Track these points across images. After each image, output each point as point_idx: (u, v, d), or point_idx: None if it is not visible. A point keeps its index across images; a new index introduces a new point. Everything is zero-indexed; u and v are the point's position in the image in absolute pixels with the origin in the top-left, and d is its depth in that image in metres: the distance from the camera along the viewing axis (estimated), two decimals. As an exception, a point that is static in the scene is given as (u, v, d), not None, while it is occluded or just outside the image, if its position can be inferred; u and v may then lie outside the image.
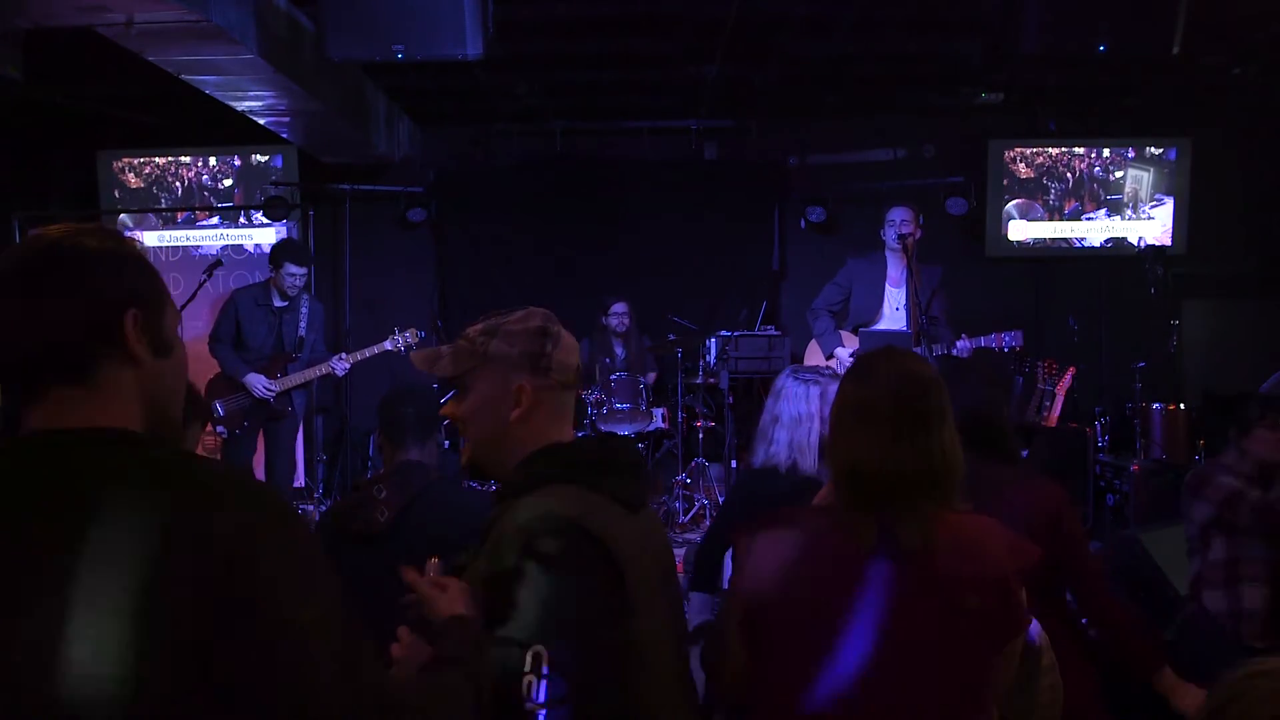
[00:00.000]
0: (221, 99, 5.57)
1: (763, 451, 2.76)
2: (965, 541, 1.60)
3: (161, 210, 7.55)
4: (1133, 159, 7.45)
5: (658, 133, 7.59)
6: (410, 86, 6.85)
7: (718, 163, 7.79)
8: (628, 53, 6.35)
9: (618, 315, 6.83)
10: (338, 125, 6.25)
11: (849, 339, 5.63)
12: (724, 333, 6.53)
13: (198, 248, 7.58)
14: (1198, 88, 6.87)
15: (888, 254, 5.58)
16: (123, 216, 7.53)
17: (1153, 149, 7.42)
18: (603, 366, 6.69)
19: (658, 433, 6.72)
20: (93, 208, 7.37)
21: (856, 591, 1.58)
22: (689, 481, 6.49)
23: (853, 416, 1.66)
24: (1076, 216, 7.52)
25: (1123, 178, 7.46)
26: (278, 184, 7.32)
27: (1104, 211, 7.50)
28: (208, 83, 5.26)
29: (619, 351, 6.86)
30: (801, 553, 1.63)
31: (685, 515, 6.31)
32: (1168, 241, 7.26)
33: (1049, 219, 7.52)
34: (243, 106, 5.77)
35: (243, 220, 7.57)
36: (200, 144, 7.48)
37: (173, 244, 7.60)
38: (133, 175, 7.58)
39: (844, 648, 1.57)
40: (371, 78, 6.55)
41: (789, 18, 5.59)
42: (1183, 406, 6.09)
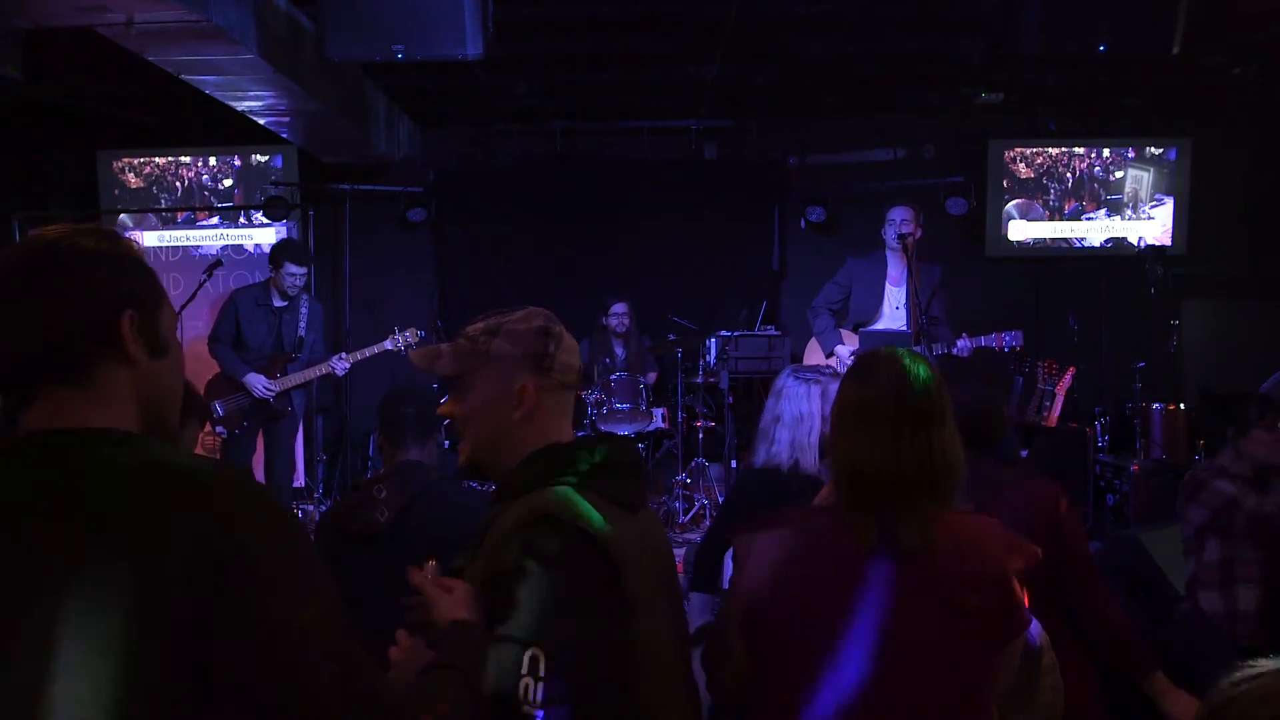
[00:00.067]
0: (221, 99, 5.57)
1: (764, 451, 2.76)
2: (966, 541, 1.60)
3: (161, 210, 7.55)
4: (1133, 159, 7.45)
5: (658, 133, 7.59)
6: (410, 86, 6.85)
7: (718, 163, 7.79)
8: (628, 53, 6.35)
9: (618, 316, 6.82)
10: (338, 125, 6.25)
11: (849, 337, 5.63)
12: (724, 333, 6.53)
13: (198, 248, 7.59)
14: (1198, 88, 6.87)
15: (888, 253, 5.58)
16: (123, 216, 7.53)
17: (1153, 149, 7.42)
18: (603, 367, 6.69)
19: (658, 433, 6.72)
20: (93, 208, 7.37)
21: (857, 591, 1.58)
22: (689, 481, 6.49)
23: (853, 416, 1.66)
24: (1076, 216, 7.52)
25: (1123, 178, 7.46)
26: (278, 184, 7.32)
27: (1104, 211, 7.50)
28: (208, 83, 5.26)
29: (619, 352, 6.86)
30: (802, 553, 1.63)
31: (685, 515, 6.31)
32: (1168, 241, 7.26)
33: (1049, 219, 7.52)
34: (243, 106, 5.77)
35: (243, 220, 7.57)
36: (200, 144, 7.48)
37: (173, 244, 7.60)
38: (133, 175, 7.58)
39: (844, 648, 1.57)
40: (371, 78, 6.55)
41: (789, 18, 5.59)
42: (1182, 406, 6.09)
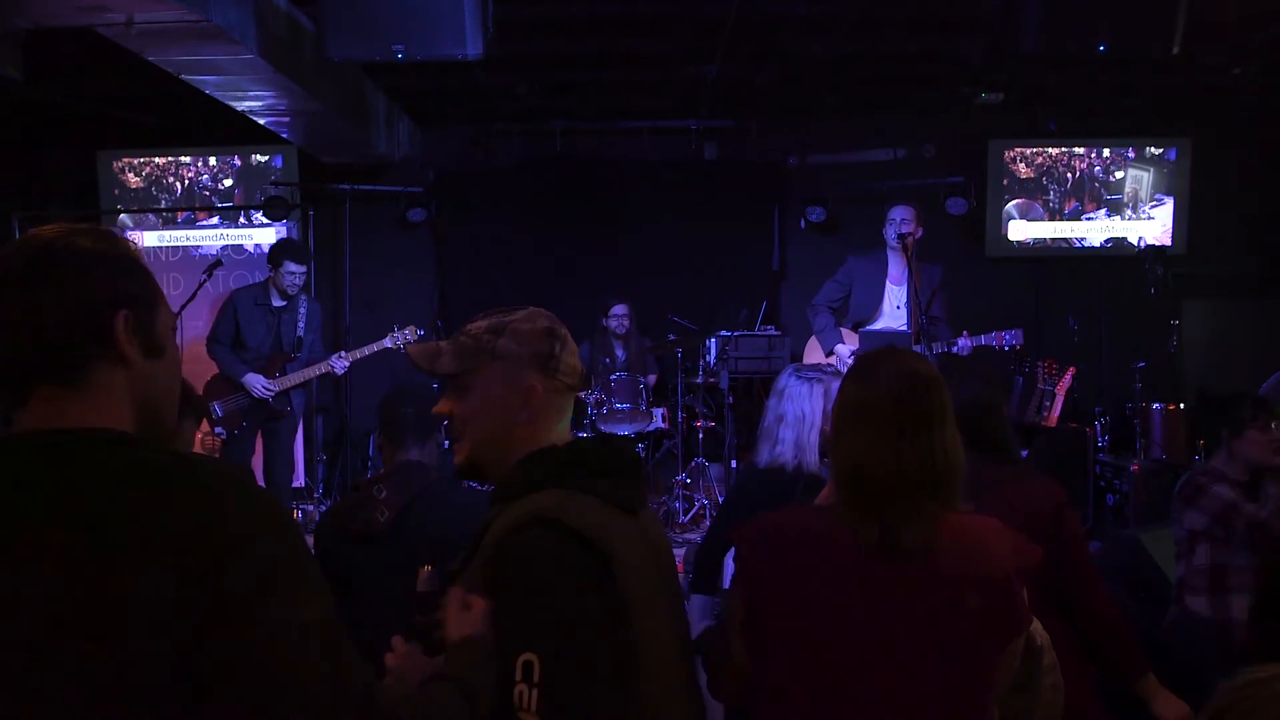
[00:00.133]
0: (221, 99, 5.57)
1: (767, 451, 2.74)
2: (967, 541, 1.59)
3: (161, 210, 7.55)
4: (1133, 159, 7.45)
5: (658, 133, 7.59)
6: (410, 86, 6.85)
7: (718, 163, 7.79)
8: (628, 53, 6.35)
9: (617, 317, 6.82)
10: (338, 125, 6.25)
11: (849, 336, 5.62)
12: (724, 333, 6.53)
13: (198, 248, 7.58)
14: (1198, 88, 6.87)
15: (889, 253, 5.58)
16: (122, 216, 7.53)
17: (1153, 149, 7.42)
18: (603, 367, 6.69)
19: (658, 433, 6.72)
20: (92, 208, 7.37)
21: (858, 591, 1.58)
22: (689, 481, 6.49)
23: (854, 416, 1.65)
24: (1076, 216, 7.51)
25: (1123, 178, 7.46)
26: (278, 184, 7.32)
27: (1104, 211, 7.50)
28: (208, 83, 5.26)
29: (619, 354, 6.85)
30: (803, 552, 1.63)
31: (685, 515, 6.31)
32: (1168, 241, 7.26)
33: (1049, 219, 7.52)
34: (243, 106, 5.77)
35: (243, 220, 7.57)
36: (200, 144, 7.48)
37: (173, 244, 7.60)
38: (132, 175, 7.58)
39: (845, 648, 1.57)
40: (371, 78, 6.55)
41: (789, 18, 5.59)
42: (1182, 406, 6.09)
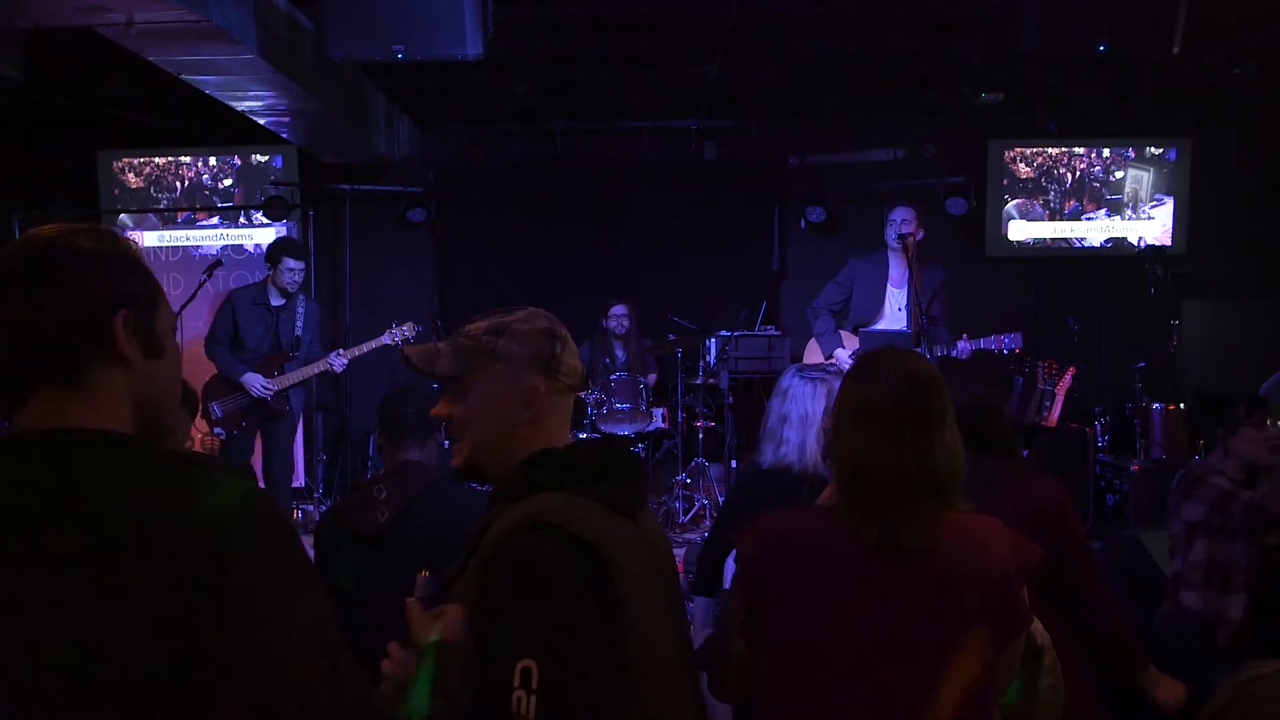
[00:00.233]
0: (221, 99, 5.57)
1: (771, 452, 2.70)
2: (967, 541, 1.59)
3: (161, 210, 7.55)
4: (1133, 159, 7.45)
5: (658, 133, 7.59)
6: (410, 86, 6.85)
7: (718, 163, 7.79)
8: (628, 53, 6.35)
9: (617, 317, 6.82)
10: (338, 125, 6.25)
11: (849, 339, 5.62)
12: (724, 333, 6.53)
13: (198, 248, 7.58)
14: (1198, 88, 6.87)
15: (890, 254, 5.57)
16: (122, 216, 7.53)
17: (1153, 149, 7.42)
18: (603, 367, 6.69)
19: (658, 433, 6.72)
20: (93, 208, 7.37)
21: (858, 591, 1.58)
22: (689, 481, 6.49)
23: (854, 416, 1.65)
24: (1076, 216, 7.51)
25: (1123, 178, 7.46)
26: (278, 184, 7.32)
27: (1104, 211, 7.49)
28: (208, 83, 5.26)
29: (619, 354, 6.85)
30: (804, 553, 1.63)
31: (685, 515, 6.32)
32: (1168, 241, 7.26)
33: (1049, 219, 7.52)
34: (243, 106, 5.77)
35: (243, 220, 7.57)
36: (200, 144, 7.48)
37: (173, 244, 7.60)
38: (133, 175, 7.58)
39: (846, 648, 1.57)
40: (371, 78, 6.55)
41: (789, 18, 5.59)
42: (1182, 407, 6.09)
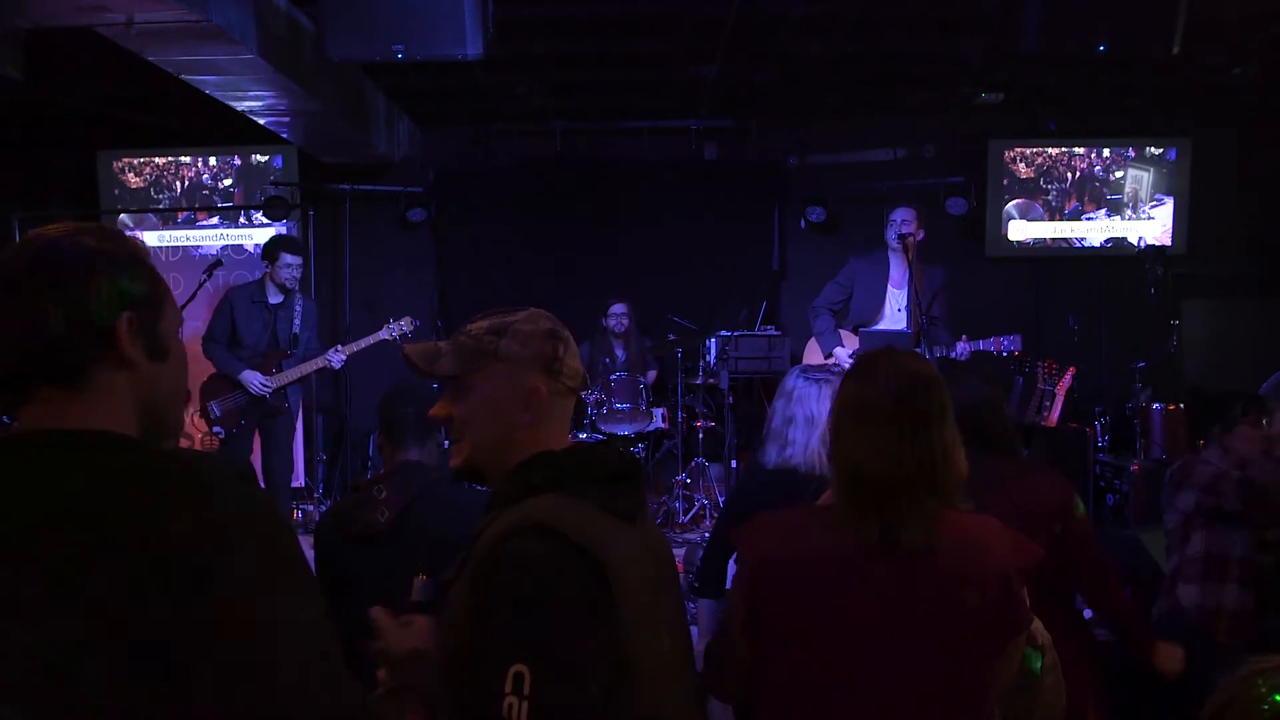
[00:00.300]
0: (221, 99, 5.57)
1: (776, 452, 2.69)
2: (967, 540, 1.60)
3: (161, 210, 7.55)
4: (1133, 159, 7.45)
5: (658, 133, 7.59)
6: (410, 86, 6.85)
7: (718, 163, 7.79)
8: (628, 53, 6.34)
9: (616, 316, 6.82)
10: (338, 125, 6.25)
11: (848, 338, 5.62)
12: (724, 333, 6.53)
13: (198, 248, 7.58)
14: (1198, 88, 6.87)
15: (890, 254, 5.58)
16: (123, 216, 7.53)
17: (1153, 149, 7.41)
18: (603, 367, 6.69)
19: (658, 433, 6.72)
20: (93, 208, 7.37)
21: (859, 591, 1.58)
22: (689, 481, 6.49)
23: (854, 416, 1.66)
24: (1076, 216, 7.51)
25: (1123, 178, 7.46)
26: (278, 184, 7.32)
27: (1104, 211, 7.49)
28: (208, 83, 5.26)
29: (619, 354, 6.86)
30: (804, 552, 1.63)
31: (685, 515, 6.32)
32: (1168, 241, 7.26)
33: (1049, 219, 7.52)
34: (243, 106, 5.77)
35: (243, 220, 7.57)
36: (200, 144, 7.48)
37: (173, 244, 7.60)
38: (133, 175, 7.58)
39: (846, 647, 1.57)
40: (371, 78, 6.55)
41: (789, 18, 5.59)
42: (1182, 406, 6.08)
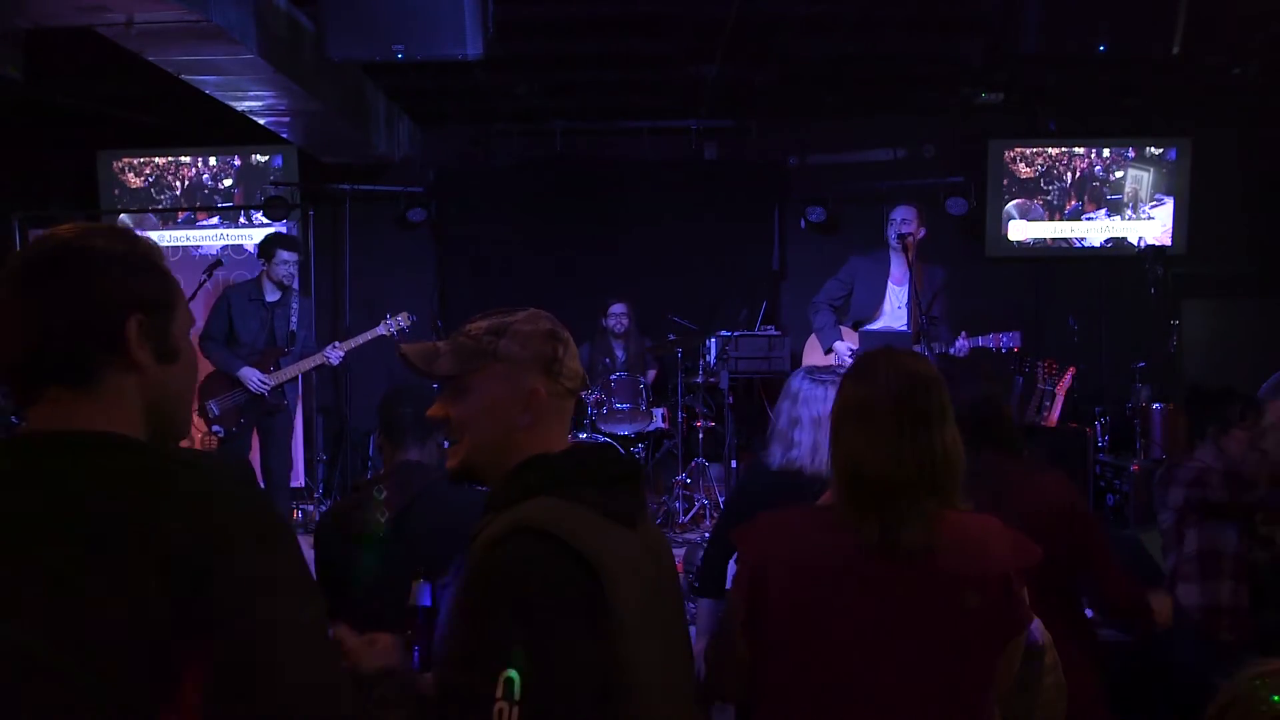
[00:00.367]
0: (221, 99, 5.57)
1: (781, 453, 2.67)
2: (967, 540, 1.59)
3: (161, 210, 7.55)
4: (1133, 159, 7.45)
5: (657, 133, 7.59)
6: (410, 86, 6.85)
7: (718, 163, 7.79)
8: (628, 53, 6.35)
9: (616, 316, 6.82)
10: (338, 125, 6.25)
11: (848, 334, 5.63)
12: (724, 333, 6.53)
13: (198, 248, 7.58)
14: (1198, 88, 6.87)
15: (891, 253, 5.58)
16: (123, 216, 7.53)
17: (1153, 149, 7.41)
18: (603, 367, 6.69)
19: (658, 433, 6.72)
20: (93, 208, 7.37)
21: (858, 591, 1.58)
22: (689, 481, 6.49)
23: (854, 416, 1.65)
24: (1076, 216, 7.51)
25: (1123, 178, 7.46)
26: (278, 184, 7.32)
27: (1104, 211, 7.49)
28: (208, 83, 5.26)
29: (619, 354, 6.85)
30: (804, 552, 1.63)
31: (685, 515, 6.32)
32: (1168, 241, 7.26)
33: (1049, 219, 7.52)
34: (243, 106, 5.77)
35: (243, 220, 7.57)
36: (200, 144, 7.48)
37: (173, 244, 7.59)
38: (133, 175, 7.58)
39: (846, 647, 1.57)
40: (371, 78, 6.55)
41: (789, 18, 5.59)
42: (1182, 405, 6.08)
